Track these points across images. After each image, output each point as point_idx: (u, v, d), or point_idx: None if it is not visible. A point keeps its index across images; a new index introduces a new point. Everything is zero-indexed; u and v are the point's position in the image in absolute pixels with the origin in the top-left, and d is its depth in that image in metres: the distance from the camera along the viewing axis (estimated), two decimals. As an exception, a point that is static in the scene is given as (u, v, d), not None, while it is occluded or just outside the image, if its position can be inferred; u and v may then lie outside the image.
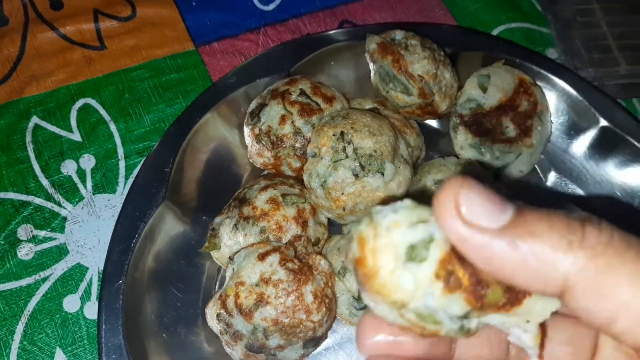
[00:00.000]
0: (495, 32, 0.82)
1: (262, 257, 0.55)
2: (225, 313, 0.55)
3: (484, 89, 0.67)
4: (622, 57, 0.79)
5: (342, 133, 0.58)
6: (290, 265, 0.54)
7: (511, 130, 0.65)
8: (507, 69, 0.70)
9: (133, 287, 0.58)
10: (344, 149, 0.58)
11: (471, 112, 0.66)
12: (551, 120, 0.70)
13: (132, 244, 0.59)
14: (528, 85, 0.68)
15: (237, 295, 0.54)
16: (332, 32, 0.75)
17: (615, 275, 0.25)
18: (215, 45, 0.77)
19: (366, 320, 0.31)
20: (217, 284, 0.63)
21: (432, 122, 0.74)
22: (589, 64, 0.78)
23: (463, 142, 0.67)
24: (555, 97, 0.72)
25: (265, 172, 0.68)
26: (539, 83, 0.71)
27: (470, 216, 0.25)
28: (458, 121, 0.67)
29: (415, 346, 0.31)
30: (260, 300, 0.53)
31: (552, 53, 0.82)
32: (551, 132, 0.70)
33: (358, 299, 0.58)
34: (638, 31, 0.81)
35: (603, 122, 0.70)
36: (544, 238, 0.25)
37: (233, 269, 0.56)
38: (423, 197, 0.61)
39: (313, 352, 0.59)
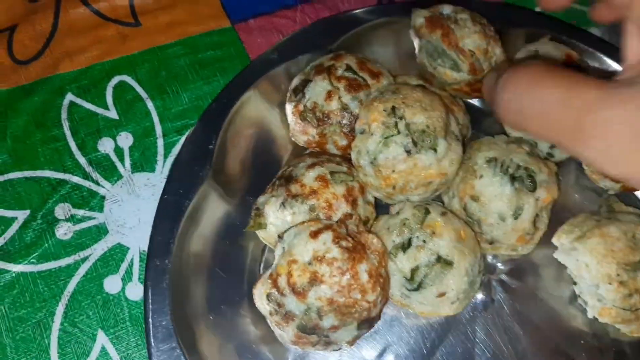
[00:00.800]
0: (538, 9, 0.80)
1: (314, 234, 0.53)
2: (277, 292, 0.53)
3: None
4: None
5: (393, 108, 0.56)
6: (344, 243, 0.52)
7: None
8: (554, 45, 0.68)
9: (179, 268, 0.56)
10: (396, 125, 0.56)
11: None
12: None
13: (177, 223, 0.57)
14: (575, 61, 0.66)
15: (289, 274, 0.52)
16: (370, 8, 0.73)
17: None
18: (252, 22, 0.75)
19: None
20: (262, 265, 0.62)
21: (475, 102, 0.72)
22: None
23: None
24: (602, 74, 0.70)
25: (309, 151, 0.65)
26: (587, 59, 0.69)
27: None
28: None
29: None
30: (315, 279, 0.51)
31: (594, 31, 0.79)
32: None
33: (410, 279, 0.56)
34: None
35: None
36: None
37: (283, 248, 0.54)
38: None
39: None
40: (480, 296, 0.61)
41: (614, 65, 0.70)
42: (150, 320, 0.54)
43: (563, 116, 0.32)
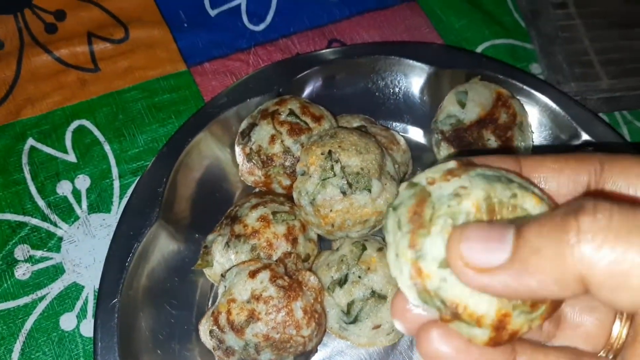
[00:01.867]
0: (480, 49, 0.84)
1: (252, 274, 0.56)
2: (217, 329, 0.56)
3: (462, 105, 0.69)
4: (603, 71, 0.81)
5: (329, 152, 0.60)
6: (280, 282, 0.56)
7: (493, 142, 0.67)
8: (485, 84, 0.72)
9: (128, 305, 0.60)
10: (332, 168, 0.60)
11: (452, 127, 0.69)
12: (532, 131, 0.72)
13: (127, 263, 0.60)
14: (506, 98, 0.70)
15: (229, 312, 0.55)
16: (321, 51, 0.77)
17: (625, 260, 0.24)
18: (207, 66, 0.79)
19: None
20: (210, 300, 0.65)
21: (418, 138, 0.76)
22: (571, 79, 0.80)
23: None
24: (538, 111, 0.74)
25: (257, 190, 0.69)
26: (521, 98, 0.73)
27: (477, 262, 0.26)
28: (440, 137, 0.69)
29: None
30: (252, 317, 0.54)
31: (535, 68, 0.84)
32: (532, 142, 0.72)
33: (347, 313, 0.60)
34: (618, 46, 0.83)
35: (585, 136, 0.72)
36: (546, 250, 0.25)
37: (225, 286, 0.58)
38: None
39: (304, 366, 0.60)
40: (417, 326, 0.64)
41: (549, 103, 0.73)
42: (98, 357, 0.57)
43: None
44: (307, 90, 0.75)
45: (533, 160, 0.34)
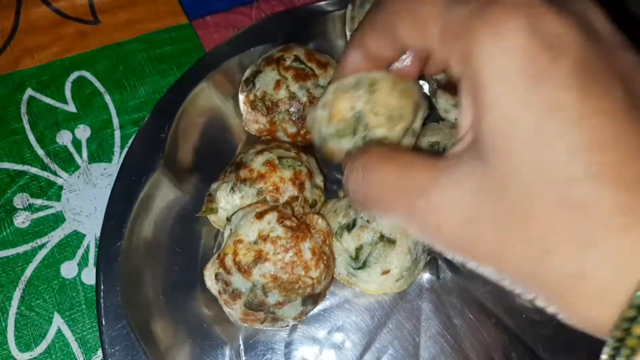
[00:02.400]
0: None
1: (259, 215, 0.55)
2: (223, 272, 0.55)
3: None
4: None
5: (359, 113, 0.56)
6: (288, 222, 0.55)
7: None
8: None
9: (130, 251, 0.58)
10: (354, 130, 0.57)
11: (446, 74, 0.67)
12: None
13: (129, 208, 0.59)
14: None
15: (235, 253, 0.54)
16: (323, 2, 0.76)
17: None
18: (209, 19, 0.77)
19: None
20: (215, 248, 0.63)
21: (426, 89, 0.74)
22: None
23: (445, 105, 0.68)
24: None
25: (261, 139, 0.68)
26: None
27: None
28: (435, 86, 0.68)
29: None
30: (259, 257, 0.53)
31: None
32: None
33: (355, 258, 0.59)
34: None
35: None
36: None
37: (231, 229, 0.56)
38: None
39: (312, 312, 0.59)
40: (426, 275, 0.63)
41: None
42: (101, 301, 0.55)
43: (397, 200, 0.33)
44: (311, 41, 0.73)
45: None
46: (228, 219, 0.58)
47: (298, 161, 0.62)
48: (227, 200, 0.60)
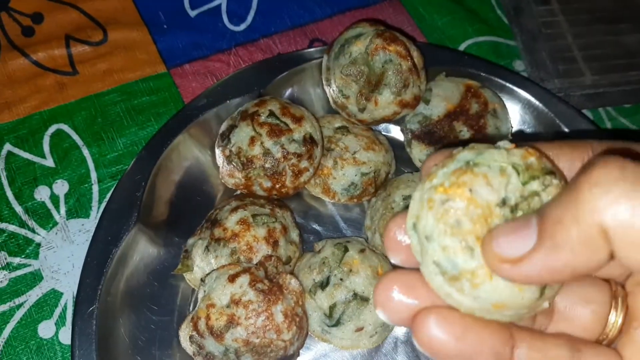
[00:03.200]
0: (463, 46, 0.84)
1: (232, 278, 0.56)
2: (197, 335, 0.55)
3: (427, 102, 0.69)
4: (587, 67, 0.81)
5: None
6: (260, 285, 0.55)
7: (465, 132, 0.68)
8: (451, 79, 0.72)
9: (106, 311, 0.59)
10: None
11: (420, 125, 0.69)
12: (509, 118, 0.71)
13: (105, 269, 0.60)
14: (475, 89, 0.70)
15: (208, 317, 0.54)
16: (302, 51, 0.76)
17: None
18: (187, 67, 0.78)
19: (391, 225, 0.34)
20: (192, 305, 0.64)
21: (401, 137, 0.75)
22: (555, 75, 0.79)
23: (420, 155, 0.69)
24: (520, 109, 0.74)
25: (238, 192, 0.68)
26: (503, 96, 0.73)
27: (509, 254, 0.27)
28: (410, 136, 0.69)
29: None
30: (231, 322, 0.54)
31: (519, 65, 0.83)
32: (512, 127, 0.71)
33: (330, 316, 0.59)
34: (601, 41, 0.83)
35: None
36: (570, 219, 0.25)
37: (204, 291, 0.57)
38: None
39: (287, 370, 0.59)
40: (401, 328, 0.64)
41: (532, 100, 0.73)
42: (76, 365, 0.56)
43: None
44: (289, 91, 0.74)
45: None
46: (202, 280, 0.58)
47: (272, 218, 0.62)
48: (202, 258, 0.61)
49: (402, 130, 0.72)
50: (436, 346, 0.29)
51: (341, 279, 0.59)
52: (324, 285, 0.60)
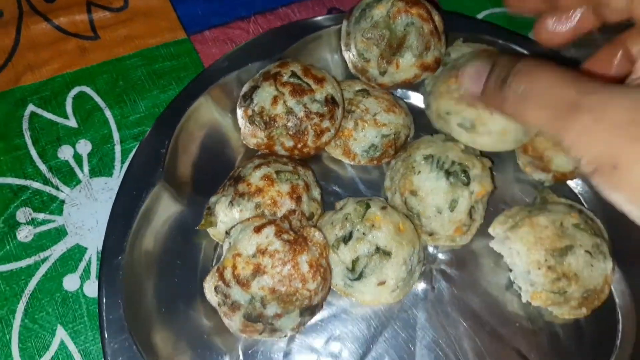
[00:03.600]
0: (480, 16, 0.84)
1: (258, 229, 0.56)
2: (223, 284, 0.56)
3: (444, 64, 0.69)
4: (602, 38, 0.81)
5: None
6: (285, 236, 0.56)
7: None
8: (468, 45, 0.72)
9: (132, 264, 0.60)
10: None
11: None
12: None
13: (130, 222, 0.60)
14: (490, 52, 0.70)
15: (234, 267, 0.55)
16: (320, 18, 0.77)
17: None
18: (207, 34, 0.79)
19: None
20: (214, 261, 0.65)
21: (419, 102, 0.76)
22: (570, 45, 0.80)
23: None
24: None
25: (259, 153, 0.69)
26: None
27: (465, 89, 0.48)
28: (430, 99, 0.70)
29: None
30: (257, 270, 0.54)
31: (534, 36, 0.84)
32: None
33: (352, 270, 0.60)
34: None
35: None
36: None
37: (230, 243, 0.58)
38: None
39: (310, 322, 0.60)
40: (421, 285, 0.65)
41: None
42: (104, 314, 0.57)
43: (564, 93, 0.37)
44: (307, 56, 0.74)
45: None
46: (227, 232, 0.59)
47: (295, 175, 0.63)
48: (226, 213, 0.61)
49: (422, 94, 0.73)
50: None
51: (364, 233, 0.60)
52: (346, 239, 0.60)
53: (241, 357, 0.60)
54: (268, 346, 0.61)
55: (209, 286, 0.58)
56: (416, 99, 0.76)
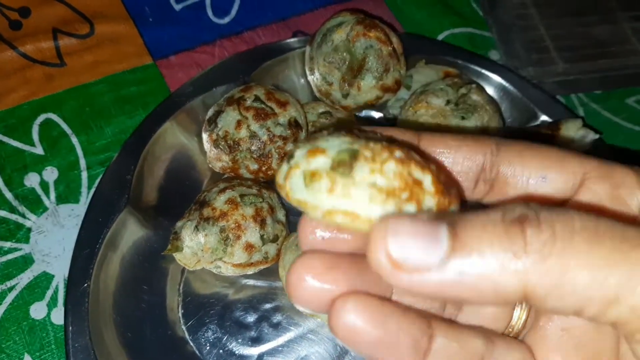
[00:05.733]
0: (440, 37, 0.87)
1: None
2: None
3: (408, 87, 0.72)
4: (559, 57, 0.84)
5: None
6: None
7: None
8: (431, 67, 0.75)
9: (98, 291, 0.60)
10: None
11: (401, 109, 0.71)
12: None
13: (96, 249, 0.61)
14: (454, 75, 0.73)
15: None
16: (285, 41, 0.79)
17: (571, 270, 0.23)
18: (173, 59, 0.80)
19: (304, 222, 0.30)
20: (181, 285, 0.65)
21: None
22: (528, 64, 0.83)
23: None
24: (495, 95, 0.76)
25: (225, 177, 0.70)
26: (481, 82, 0.75)
27: (407, 262, 0.23)
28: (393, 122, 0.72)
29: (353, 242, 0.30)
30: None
31: (494, 55, 0.87)
32: None
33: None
34: (572, 32, 0.86)
35: (543, 117, 0.75)
36: (487, 259, 0.23)
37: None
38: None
39: (276, 344, 0.61)
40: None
41: (507, 86, 0.76)
42: (70, 342, 0.57)
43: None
44: (272, 79, 0.76)
45: (432, 136, 0.34)
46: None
47: (260, 198, 0.64)
48: (192, 238, 0.62)
49: (384, 117, 0.75)
50: (354, 334, 0.27)
51: (327, 254, 0.61)
52: (310, 261, 0.61)
53: (209, 380, 0.61)
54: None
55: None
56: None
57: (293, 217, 0.70)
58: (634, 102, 0.84)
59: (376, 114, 0.78)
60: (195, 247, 0.62)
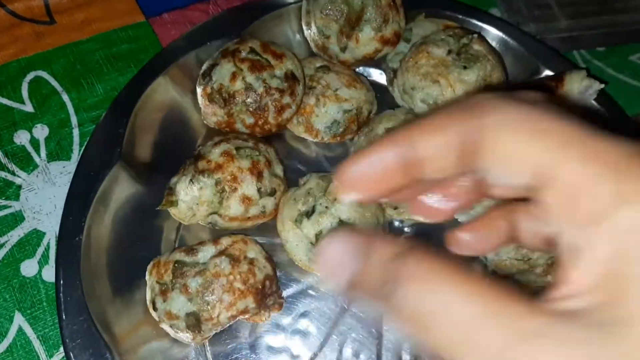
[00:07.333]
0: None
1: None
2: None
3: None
4: (561, 13, 0.82)
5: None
6: None
7: None
8: (431, 20, 0.73)
9: (90, 245, 0.58)
10: None
11: (400, 62, 0.69)
12: None
13: (88, 204, 0.59)
14: (453, 28, 0.71)
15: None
16: (280, -3, 0.77)
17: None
18: (166, 16, 0.78)
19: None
20: (177, 242, 0.64)
21: (381, 80, 0.75)
22: (530, 20, 0.81)
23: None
24: (498, 50, 0.74)
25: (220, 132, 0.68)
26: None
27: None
28: (392, 75, 0.70)
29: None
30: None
31: (495, 12, 0.84)
32: None
33: (315, 244, 0.59)
34: (575, -13, 0.84)
35: (546, 72, 0.73)
36: None
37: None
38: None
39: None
40: (387, 258, 0.64)
41: (509, 41, 0.74)
42: (61, 295, 0.55)
43: (485, 336, 0.22)
44: (268, 35, 0.74)
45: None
46: None
47: (256, 151, 0.62)
48: (187, 192, 0.60)
49: (384, 70, 0.73)
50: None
51: (326, 207, 0.59)
52: (309, 214, 0.60)
53: (205, 336, 0.59)
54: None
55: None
56: (378, 76, 0.76)
57: (291, 174, 0.68)
58: (638, 59, 0.82)
59: (374, 71, 0.76)
60: (190, 201, 0.60)
